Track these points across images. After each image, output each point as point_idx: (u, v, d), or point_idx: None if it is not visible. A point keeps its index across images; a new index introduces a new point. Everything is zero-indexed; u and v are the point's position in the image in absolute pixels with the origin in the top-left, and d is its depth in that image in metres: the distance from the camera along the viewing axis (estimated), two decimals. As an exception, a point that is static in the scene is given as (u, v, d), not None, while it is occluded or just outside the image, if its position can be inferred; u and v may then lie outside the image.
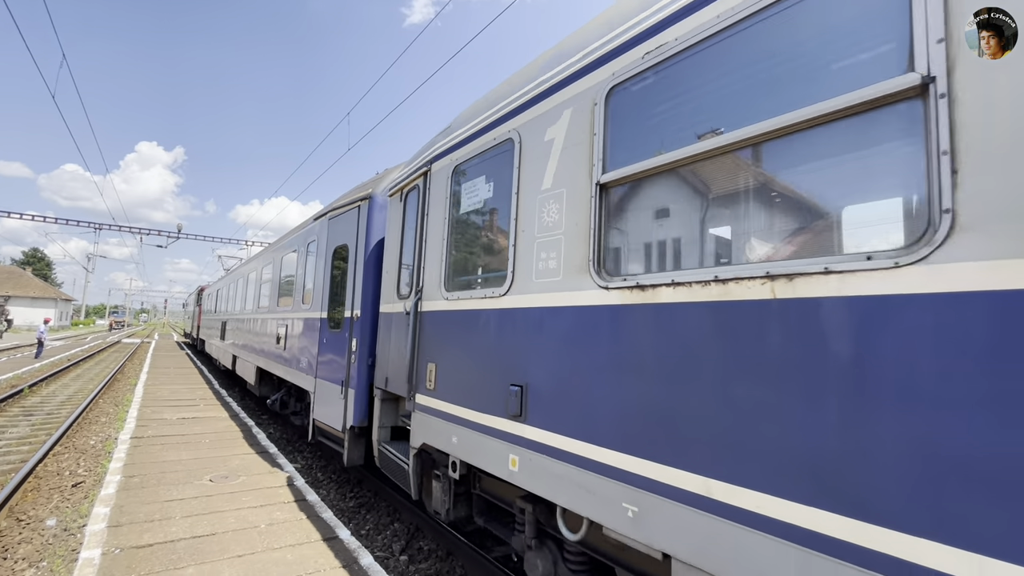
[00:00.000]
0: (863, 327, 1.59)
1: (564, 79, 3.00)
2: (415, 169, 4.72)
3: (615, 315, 2.46)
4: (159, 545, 4.06)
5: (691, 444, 2.04)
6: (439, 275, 4.05)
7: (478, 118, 3.85)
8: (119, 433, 7.98)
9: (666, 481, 2.11)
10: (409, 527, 5.51)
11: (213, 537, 4.26)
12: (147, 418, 8.89)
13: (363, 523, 5.73)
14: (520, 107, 3.35)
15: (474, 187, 3.86)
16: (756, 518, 1.79)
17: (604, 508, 2.38)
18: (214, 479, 5.77)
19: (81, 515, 5.15)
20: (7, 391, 11.70)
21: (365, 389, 5.54)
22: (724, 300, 1.98)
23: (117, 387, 14.27)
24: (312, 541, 4.28)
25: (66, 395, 12.54)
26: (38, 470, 6.48)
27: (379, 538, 5.33)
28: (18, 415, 9.90)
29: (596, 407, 2.51)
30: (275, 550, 4.08)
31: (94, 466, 6.87)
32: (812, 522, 1.64)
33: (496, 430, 3.17)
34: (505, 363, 3.17)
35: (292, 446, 9.09)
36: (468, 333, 3.62)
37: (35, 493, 5.84)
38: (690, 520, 2.00)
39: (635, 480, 2.24)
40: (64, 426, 8.49)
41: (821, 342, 1.68)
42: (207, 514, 4.74)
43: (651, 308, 2.29)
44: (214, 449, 7.11)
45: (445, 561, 4.78)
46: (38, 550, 4.49)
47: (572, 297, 2.73)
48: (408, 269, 4.74)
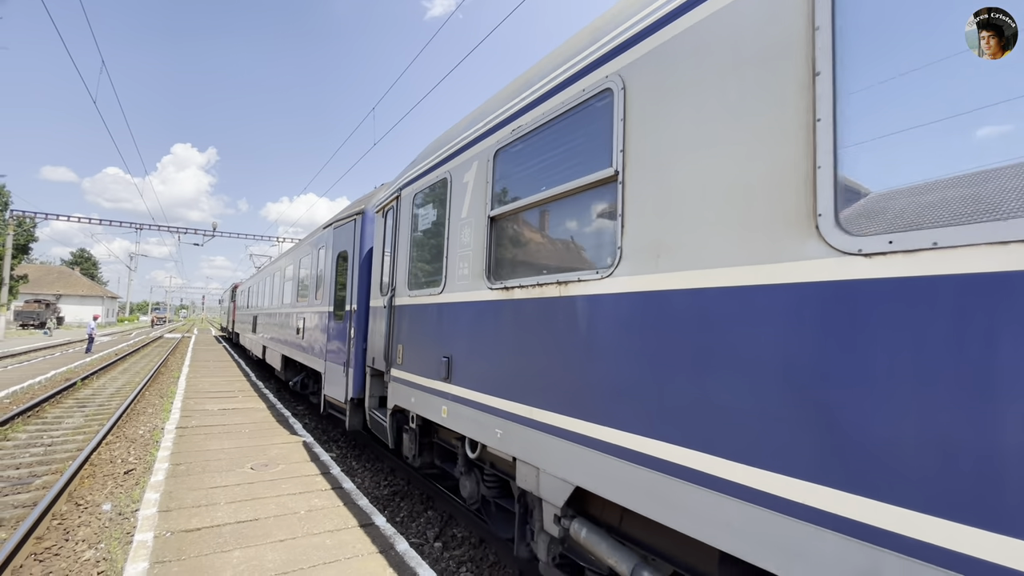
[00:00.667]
0: (590, 310, 2.71)
1: (474, 139, 4.04)
2: (390, 194, 5.93)
3: (495, 307, 3.53)
4: (206, 529, 4.25)
5: (526, 387, 3.15)
6: (405, 277, 5.24)
7: (428, 159, 4.95)
8: (165, 423, 8.36)
9: (515, 412, 3.23)
10: (442, 515, 5.60)
11: (256, 522, 4.42)
12: (190, 409, 9.28)
13: (397, 510, 5.86)
14: (451, 155, 4.43)
15: (427, 212, 4.96)
16: (551, 428, 2.90)
17: (486, 433, 3.54)
18: (255, 467, 5.98)
19: (133, 500, 5.43)
20: (62, 384, 12.38)
21: (361, 368, 6.65)
22: (541, 297, 3.08)
23: (161, 380, 14.92)
24: (349, 527, 4.40)
25: (115, 387, 13.19)
26: (93, 458, 6.84)
27: (413, 525, 5.45)
28: (73, 406, 10.47)
29: (485, 368, 3.62)
30: (315, 535, 4.21)
31: (143, 454, 7.21)
32: (561, 421, 2.83)
33: (435, 390, 4.32)
34: (440, 341, 4.30)
35: (327, 435, 9.35)
36: (421, 321, 4.76)
37: (91, 479, 6.17)
38: (524, 434, 3.14)
39: (501, 413, 3.37)
40: (115, 417, 8.93)
41: (576, 318, 2.79)
42: (249, 500, 4.93)
43: (511, 302, 3.37)
44: (254, 438, 7.37)
45: (478, 548, 4.85)
46: (96, 532, 4.76)
47: (476, 295, 3.79)
48: (387, 272, 5.85)
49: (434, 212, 4.74)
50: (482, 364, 3.64)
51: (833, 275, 1.63)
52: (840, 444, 1.59)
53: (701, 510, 2.00)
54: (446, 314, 4.22)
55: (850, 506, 1.54)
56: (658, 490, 2.20)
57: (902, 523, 1.43)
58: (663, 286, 2.27)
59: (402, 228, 5.48)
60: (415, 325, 4.87)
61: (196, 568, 3.60)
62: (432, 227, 4.75)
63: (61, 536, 4.66)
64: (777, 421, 1.78)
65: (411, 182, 5.32)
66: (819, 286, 1.67)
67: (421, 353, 4.65)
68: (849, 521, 1.55)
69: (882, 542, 1.46)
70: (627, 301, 2.46)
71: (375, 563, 3.77)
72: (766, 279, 1.84)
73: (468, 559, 4.70)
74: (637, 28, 2.57)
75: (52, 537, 4.62)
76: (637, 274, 2.41)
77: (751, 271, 1.89)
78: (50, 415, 9.55)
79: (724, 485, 1.92)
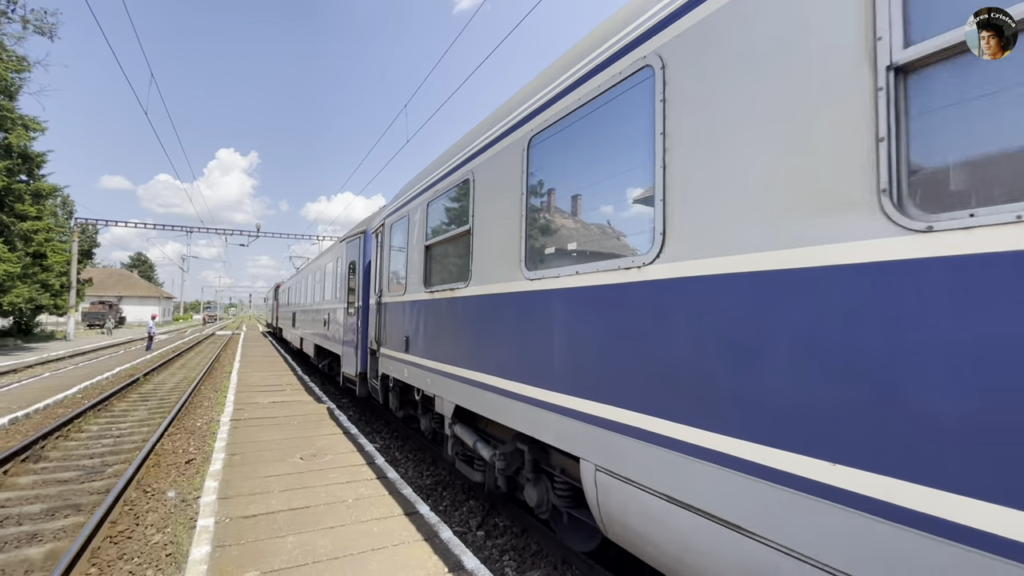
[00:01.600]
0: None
1: (422, 190, 6.02)
2: (379, 221, 8.05)
3: (427, 304, 5.46)
4: (262, 516, 4.47)
5: (440, 353, 4.96)
6: (387, 283, 7.36)
7: (400, 197, 6.97)
8: (220, 416, 8.81)
9: (435, 367, 5.11)
10: (484, 504, 5.69)
11: (307, 510, 4.62)
12: (243, 402, 9.74)
13: (440, 500, 5.99)
14: (411, 198, 6.40)
15: (398, 238, 6.93)
16: (448, 374, 4.65)
17: (423, 382, 5.49)
18: (304, 457, 6.24)
19: (195, 488, 5.76)
20: (126, 380, 13.23)
21: (365, 350, 8.75)
22: (449, 297, 4.86)
23: (215, 375, 15.71)
24: (395, 515, 4.53)
25: (174, 382, 13.99)
26: (157, 448, 7.30)
27: (456, 514, 5.56)
28: (137, 400, 11.18)
29: (424, 343, 5.54)
30: (363, 523, 4.36)
31: (202, 445, 7.64)
32: (455, 371, 4.56)
33: (400, 358, 6.38)
34: (403, 326, 6.31)
35: (370, 427, 9.64)
36: (394, 313, 6.80)
37: (156, 468, 6.59)
38: (438, 380, 5.00)
39: (430, 369, 5.26)
40: (175, 410, 9.49)
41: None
42: (300, 489, 5.15)
43: (433, 301, 5.29)
44: (302, 430, 7.68)
45: (520, 537, 4.91)
46: (163, 518, 5.08)
47: (417, 296, 5.80)
48: (378, 278, 7.94)
49: (402, 238, 6.69)
50: (423, 340, 5.62)
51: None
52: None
53: (508, 408, 3.71)
54: (407, 309, 6.22)
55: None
56: (484, 400, 4.09)
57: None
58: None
59: (384, 247, 7.68)
60: (391, 316, 7.00)
61: (254, 552, 3.80)
62: (400, 249, 6.76)
63: (132, 521, 5.00)
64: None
65: (390, 214, 7.43)
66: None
67: (394, 335, 6.76)
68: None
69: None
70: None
71: (421, 550, 3.88)
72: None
73: (511, 548, 4.76)
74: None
75: (124, 521, 4.97)
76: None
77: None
78: (117, 408, 10.24)
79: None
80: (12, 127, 22.72)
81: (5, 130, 22.55)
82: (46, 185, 24.80)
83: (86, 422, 8.92)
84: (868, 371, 1.58)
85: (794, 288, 1.81)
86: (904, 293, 1.52)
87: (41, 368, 16.56)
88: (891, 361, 1.54)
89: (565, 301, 3.14)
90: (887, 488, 1.51)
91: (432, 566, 3.64)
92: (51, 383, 12.86)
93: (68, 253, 28.89)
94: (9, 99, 22.96)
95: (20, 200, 22.93)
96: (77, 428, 8.48)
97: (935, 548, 1.40)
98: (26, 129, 23.38)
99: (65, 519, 4.99)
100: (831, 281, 1.70)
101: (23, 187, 23.11)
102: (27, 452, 6.79)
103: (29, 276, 23.72)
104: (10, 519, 4.97)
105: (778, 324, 1.87)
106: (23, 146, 23.25)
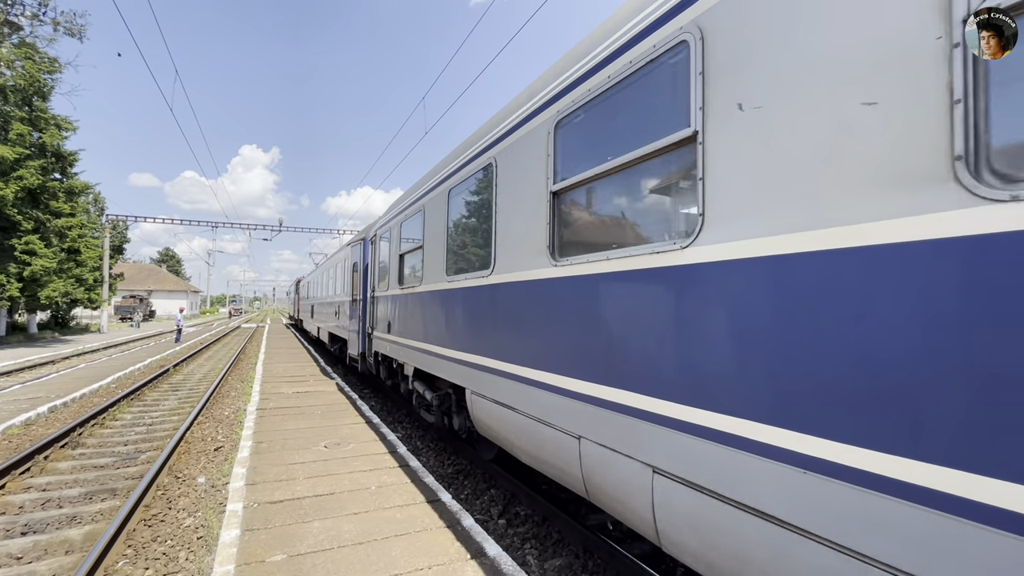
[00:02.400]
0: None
1: (393, 215, 8.25)
2: (372, 232, 10.24)
3: (398, 297, 7.45)
4: (288, 502, 4.56)
5: (408, 331, 6.89)
6: (376, 280, 9.58)
7: (385, 215, 9.08)
8: (247, 405, 9.02)
9: (406, 343, 6.96)
10: (505, 493, 5.72)
11: (332, 496, 4.70)
12: (268, 392, 9.96)
13: (461, 488, 6.04)
14: (392, 217, 8.39)
15: (384, 246, 8.89)
16: (411, 347, 6.73)
17: (397, 353, 7.41)
18: (328, 445, 6.35)
19: (223, 474, 5.92)
20: (157, 371, 13.65)
21: (364, 334, 10.49)
22: (403, 294, 7.26)
23: (241, 366, 16.10)
24: (418, 503, 4.58)
25: (202, 373, 14.38)
26: (187, 436, 7.52)
27: (477, 502, 5.59)
28: (167, 390, 11.53)
29: (399, 325, 7.33)
30: (386, 509, 4.42)
31: (229, 433, 7.84)
32: (418, 344, 6.47)
33: (386, 338, 8.14)
34: (385, 314, 8.32)
35: (392, 417, 9.76)
36: (382, 304, 8.79)
37: (187, 455, 6.79)
38: (403, 351, 7.12)
39: (403, 344, 7.12)
40: (203, 399, 9.76)
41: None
42: (325, 476, 5.24)
43: (402, 295, 7.28)
44: (325, 419, 7.82)
45: (541, 526, 4.92)
46: (194, 502, 5.24)
47: (393, 292, 7.73)
48: (372, 276, 10.12)
49: (387, 247, 8.60)
50: (398, 323, 7.43)
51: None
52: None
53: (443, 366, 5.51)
54: (389, 300, 8.13)
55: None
56: (428, 361, 5.94)
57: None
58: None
59: (375, 253, 9.96)
60: (380, 306, 9.05)
61: (282, 536, 3.88)
62: (382, 257, 9.15)
63: (165, 505, 5.16)
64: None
65: (379, 227, 9.49)
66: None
67: (381, 320, 8.74)
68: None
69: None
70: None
71: (443, 537, 3.92)
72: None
73: (532, 536, 4.77)
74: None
75: (157, 505, 5.13)
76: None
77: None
78: (149, 398, 10.58)
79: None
80: (46, 127, 23.47)
81: (39, 130, 23.31)
82: (78, 183, 25.59)
83: (120, 411, 9.24)
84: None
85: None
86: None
87: (77, 359, 17.20)
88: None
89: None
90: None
91: (455, 552, 3.67)
92: (86, 373, 13.35)
93: (100, 248, 29.86)
94: (42, 100, 23.71)
95: (54, 198, 23.73)
96: (112, 416, 8.79)
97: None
98: (59, 129, 24.12)
99: (102, 502, 5.18)
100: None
101: (57, 185, 23.90)
102: (66, 439, 7.06)
103: (64, 271, 24.60)
104: (51, 502, 5.18)
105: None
106: (56, 145, 24.00)
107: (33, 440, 7.19)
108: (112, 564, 3.99)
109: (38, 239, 22.21)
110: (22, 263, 21.55)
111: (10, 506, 5.04)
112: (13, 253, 21.34)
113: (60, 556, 4.13)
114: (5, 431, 7.64)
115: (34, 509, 5.02)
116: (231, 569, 3.40)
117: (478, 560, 3.55)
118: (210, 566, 3.76)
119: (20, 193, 21.33)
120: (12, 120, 21.99)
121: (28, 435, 7.58)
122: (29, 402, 9.49)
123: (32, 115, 22.99)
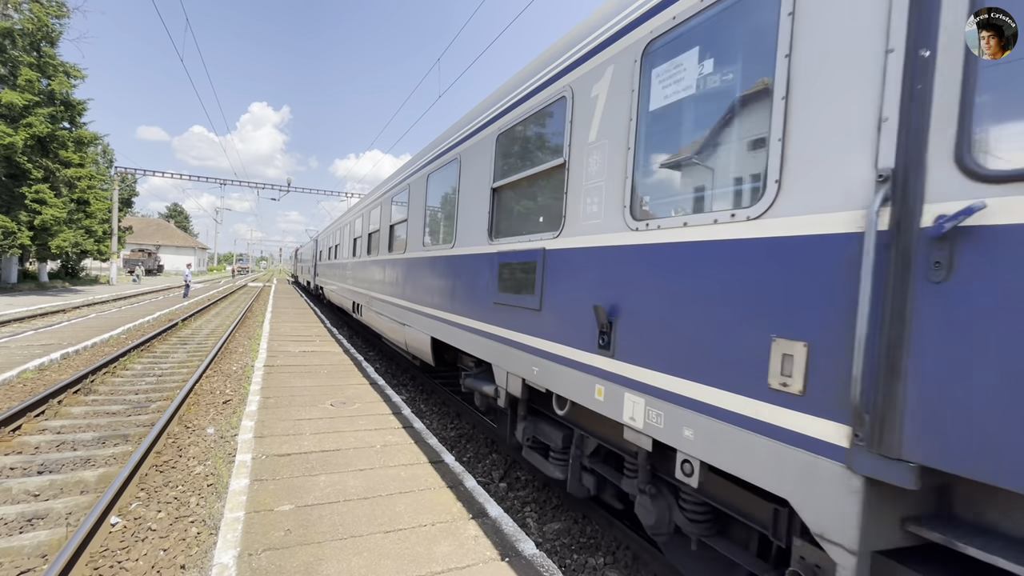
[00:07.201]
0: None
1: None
2: (348, 217, 13.43)
3: (364, 263, 10.51)
4: (295, 455, 4.67)
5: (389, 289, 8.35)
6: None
7: (344, 216, 13.94)
8: (254, 361, 9.16)
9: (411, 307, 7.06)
10: (506, 458, 5.83)
11: (338, 452, 4.81)
12: (275, 350, 10.09)
13: (464, 451, 6.16)
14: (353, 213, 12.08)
15: (358, 224, 11.80)
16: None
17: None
18: (334, 404, 6.46)
19: (232, 427, 6.06)
20: (166, 324, 13.84)
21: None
22: (394, 259, 8.13)
23: (248, 324, 16.28)
24: (421, 463, 4.68)
25: (210, 328, 14.57)
26: (196, 388, 7.66)
27: (479, 466, 5.71)
28: (176, 344, 11.71)
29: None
30: (390, 467, 4.52)
31: (237, 387, 7.98)
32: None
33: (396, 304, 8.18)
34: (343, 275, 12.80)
35: (396, 379, 9.90)
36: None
37: (196, 407, 6.94)
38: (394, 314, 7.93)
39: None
40: (211, 354, 9.90)
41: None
42: (331, 433, 5.35)
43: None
44: (331, 378, 7.93)
45: (541, 491, 5.03)
46: (204, 451, 5.37)
47: (357, 260, 11.85)
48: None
49: (360, 225, 11.34)
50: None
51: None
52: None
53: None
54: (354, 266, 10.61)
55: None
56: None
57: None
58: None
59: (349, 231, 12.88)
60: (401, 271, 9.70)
61: (289, 487, 3.99)
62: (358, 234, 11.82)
63: (176, 453, 5.30)
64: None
65: (348, 212, 11.13)
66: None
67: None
68: None
69: None
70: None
71: (446, 496, 4.01)
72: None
73: (532, 500, 4.89)
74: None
75: (168, 453, 5.27)
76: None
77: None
78: (158, 350, 10.75)
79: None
80: (54, 74, 23.12)
81: (48, 77, 22.98)
82: (87, 133, 25.37)
83: (131, 361, 9.41)
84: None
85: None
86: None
87: (87, 309, 17.44)
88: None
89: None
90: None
91: (457, 511, 3.77)
92: (97, 323, 13.55)
93: (109, 201, 29.85)
94: (51, 45, 23.29)
95: (64, 147, 23.56)
96: (123, 366, 8.96)
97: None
98: (67, 76, 23.77)
99: (115, 447, 5.33)
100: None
101: (66, 134, 23.68)
102: (78, 385, 7.22)
103: (74, 221, 24.67)
104: (66, 444, 5.34)
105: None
106: (65, 93, 23.71)
107: (47, 384, 7.35)
108: (125, 505, 4.13)
109: (48, 188, 22.20)
110: (33, 212, 21.61)
111: (26, 446, 5.20)
112: (24, 201, 21.39)
113: (75, 495, 4.27)
114: (20, 375, 7.81)
115: (49, 450, 5.17)
116: (240, 516, 3.51)
117: (479, 520, 3.65)
118: (220, 512, 3.89)
119: (30, 141, 21.20)
120: (21, 65, 21.66)
121: (42, 380, 7.75)
122: (42, 348, 9.67)
123: (41, 61, 22.64)
